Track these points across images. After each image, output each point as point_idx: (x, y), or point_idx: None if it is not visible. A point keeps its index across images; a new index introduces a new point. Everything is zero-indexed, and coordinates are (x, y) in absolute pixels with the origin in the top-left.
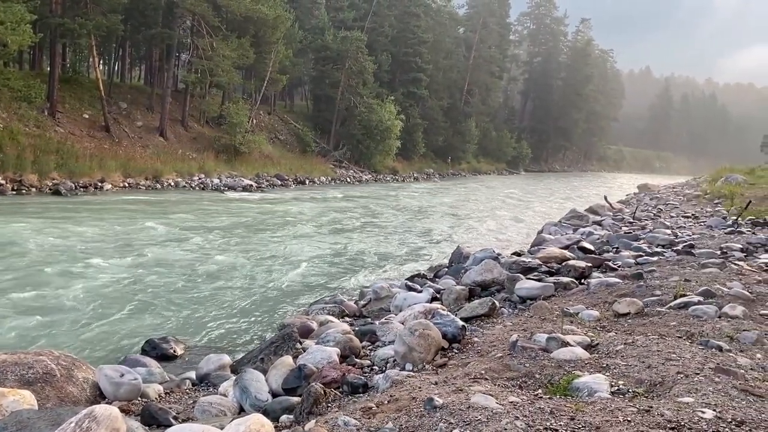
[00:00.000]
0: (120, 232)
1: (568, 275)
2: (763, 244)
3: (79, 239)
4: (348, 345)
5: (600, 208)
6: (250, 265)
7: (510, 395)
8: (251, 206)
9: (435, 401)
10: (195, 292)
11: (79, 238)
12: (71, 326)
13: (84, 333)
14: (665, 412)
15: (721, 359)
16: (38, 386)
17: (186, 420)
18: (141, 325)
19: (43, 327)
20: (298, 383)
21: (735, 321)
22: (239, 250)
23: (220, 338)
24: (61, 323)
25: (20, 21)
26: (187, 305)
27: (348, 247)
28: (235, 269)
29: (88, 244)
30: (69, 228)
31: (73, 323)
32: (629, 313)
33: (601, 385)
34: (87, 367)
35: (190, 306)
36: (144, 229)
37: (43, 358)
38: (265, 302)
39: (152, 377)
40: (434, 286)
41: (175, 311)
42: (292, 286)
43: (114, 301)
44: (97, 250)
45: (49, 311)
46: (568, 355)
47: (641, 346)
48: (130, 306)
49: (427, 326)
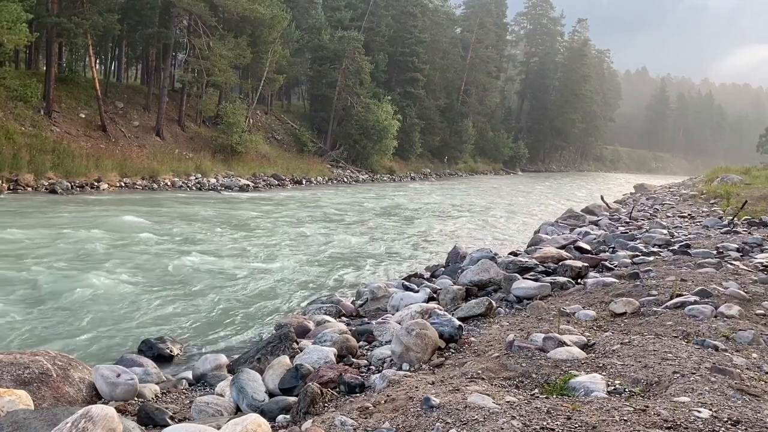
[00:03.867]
0: (115, 232)
1: (564, 275)
2: (759, 244)
3: (75, 239)
4: (345, 345)
5: (597, 208)
6: (247, 265)
7: (507, 395)
8: (248, 206)
9: (432, 401)
10: (191, 292)
11: (75, 238)
12: (67, 326)
13: (80, 333)
14: (661, 411)
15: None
16: (34, 386)
17: (183, 420)
18: (137, 325)
19: (40, 327)
20: (295, 383)
21: (731, 321)
22: (236, 250)
23: (217, 338)
24: (57, 323)
25: (16, 20)
26: (183, 305)
27: (345, 247)
28: (232, 269)
29: (84, 244)
30: (64, 228)
31: (70, 323)
32: (626, 312)
33: (598, 385)
34: (83, 367)
35: (187, 306)
36: (139, 229)
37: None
38: (261, 302)
39: (149, 377)
40: (431, 286)
41: (171, 311)
42: (288, 286)
43: (110, 302)
44: (92, 250)
45: (45, 311)
46: (565, 354)
47: (638, 345)
48: (126, 306)
49: (424, 326)
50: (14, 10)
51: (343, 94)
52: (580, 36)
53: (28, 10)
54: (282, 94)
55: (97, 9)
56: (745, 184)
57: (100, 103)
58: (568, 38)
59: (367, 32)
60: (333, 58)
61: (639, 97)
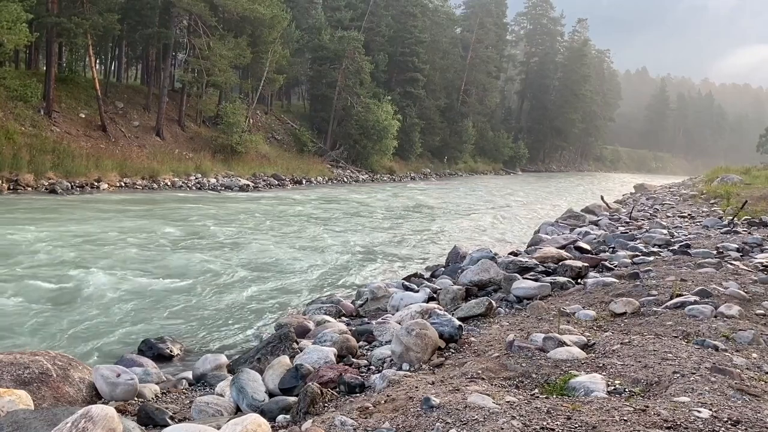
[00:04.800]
0: (115, 232)
1: (564, 275)
2: (759, 244)
3: (74, 239)
4: (345, 345)
5: (597, 208)
6: (247, 265)
7: (507, 395)
8: (247, 206)
9: (432, 401)
10: (191, 292)
11: (74, 238)
12: (67, 326)
13: (80, 333)
14: (661, 411)
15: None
16: (34, 386)
17: (183, 420)
18: (137, 325)
19: (40, 327)
20: (295, 383)
21: (731, 320)
22: (235, 250)
23: (217, 338)
24: (57, 323)
25: (16, 20)
26: (183, 305)
27: (344, 247)
28: (232, 269)
29: (83, 244)
30: (64, 228)
31: (70, 323)
32: (626, 312)
33: (598, 385)
34: (83, 367)
35: (187, 306)
36: (139, 230)
37: (39, 358)
38: (261, 302)
39: (149, 377)
40: (431, 286)
41: (171, 311)
42: (288, 286)
43: (110, 302)
44: (92, 251)
45: (45, 311)
46: (565, 354)
47: (638, 345)
48: (126, 306)
49: (424, 326)
50: (14, 10)
51: (343, 94)
52: (580, 36)
53: (28, 10)
54: (282, 94)
55: (97, 9)
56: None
57: (100, 103)
58: (568, 38)
59: (367, 32)
60: (333, 58)
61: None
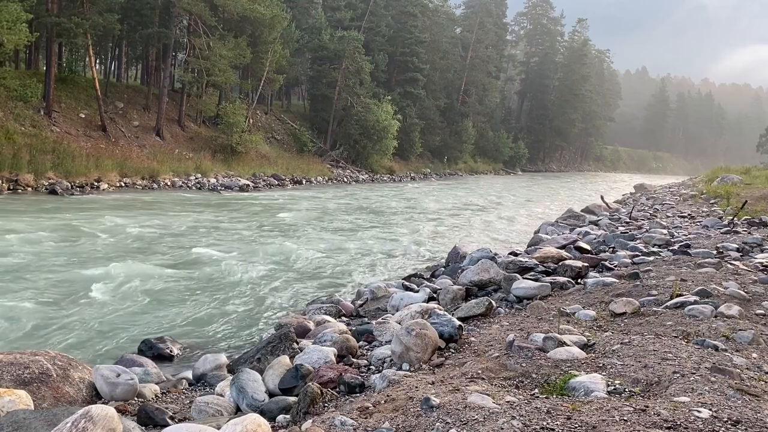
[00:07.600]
0: (115, 232)
1: (564, 275)
2: (758, 244)
3: (74, 239)
4: (345, 345)
5: (596, 208)
6: (247, 265)
7: (507, 395)
8: (247, 206)
9: (432, 401)
10: (191, 292)
11: (74, 237)
12: (67, 326)
13: (80, 333)
14: (661, 411)
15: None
16: (34, 386)
17: (183, 420)
18: (137, 325)
19: (39, 327)
20: (295, 383)
21: (731, 320)
22: (235, 250)
23: (217, 338)
24: (57, 323)
25: (16, 20)
26: (183, 305)
27: (344, 247)
28: (232, 269)
29: (83, 245)
30: (63, 228)
31: (69, 323)
32: (626, 312)
33: (598, 385)
34: (83, 367)
35: (187, 306)
36: (139, 229)
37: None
38: (261, 302)
39: (149, 377)
40: (431, 286)
41: (171, 311)
42: (288, 286)
43: (110, 301)
44: (92, 251)
45: (44, 311)
46: (565, 354)
47: (637, 345)
48: (126, 306)
49: (424, 326)
50: (14, 10)
51: (343, 94)
52: (580, 36)
53: (28, 10)
54: (282, 94)
55: (97, 9)
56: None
57: (100, 103)
58: (568, 38)
59: (367, 32)
60: (333, 58)
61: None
